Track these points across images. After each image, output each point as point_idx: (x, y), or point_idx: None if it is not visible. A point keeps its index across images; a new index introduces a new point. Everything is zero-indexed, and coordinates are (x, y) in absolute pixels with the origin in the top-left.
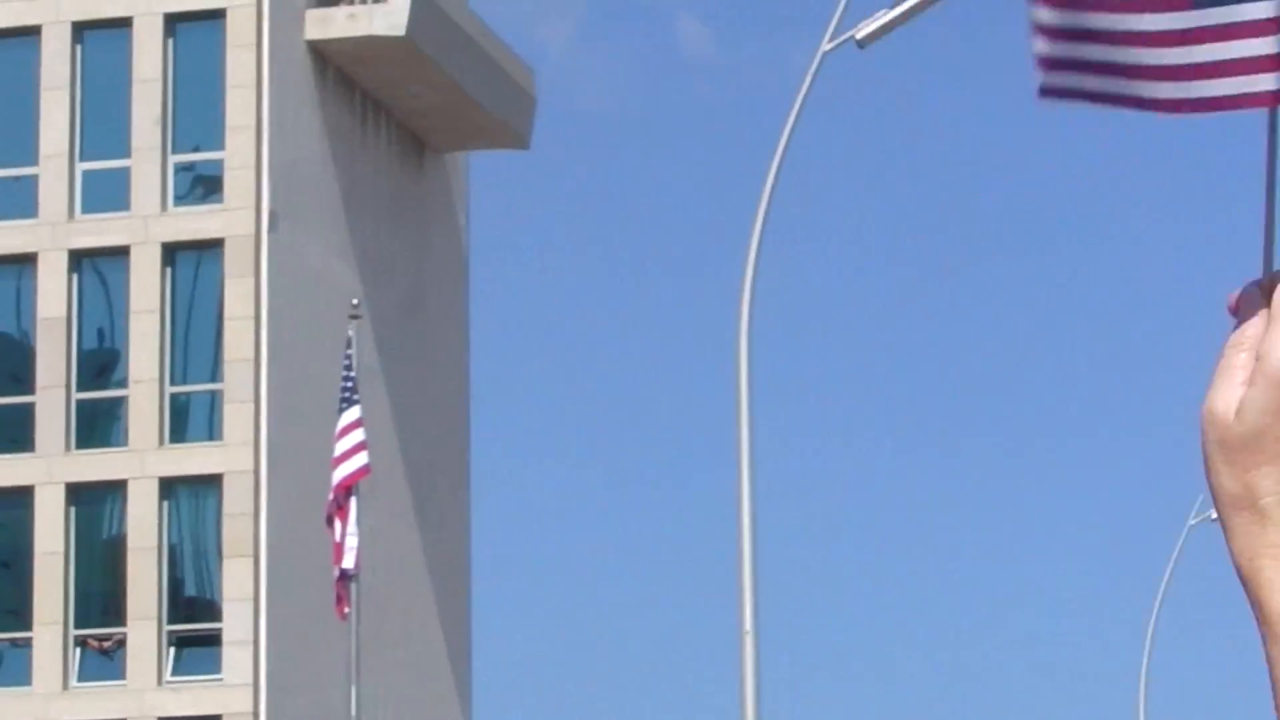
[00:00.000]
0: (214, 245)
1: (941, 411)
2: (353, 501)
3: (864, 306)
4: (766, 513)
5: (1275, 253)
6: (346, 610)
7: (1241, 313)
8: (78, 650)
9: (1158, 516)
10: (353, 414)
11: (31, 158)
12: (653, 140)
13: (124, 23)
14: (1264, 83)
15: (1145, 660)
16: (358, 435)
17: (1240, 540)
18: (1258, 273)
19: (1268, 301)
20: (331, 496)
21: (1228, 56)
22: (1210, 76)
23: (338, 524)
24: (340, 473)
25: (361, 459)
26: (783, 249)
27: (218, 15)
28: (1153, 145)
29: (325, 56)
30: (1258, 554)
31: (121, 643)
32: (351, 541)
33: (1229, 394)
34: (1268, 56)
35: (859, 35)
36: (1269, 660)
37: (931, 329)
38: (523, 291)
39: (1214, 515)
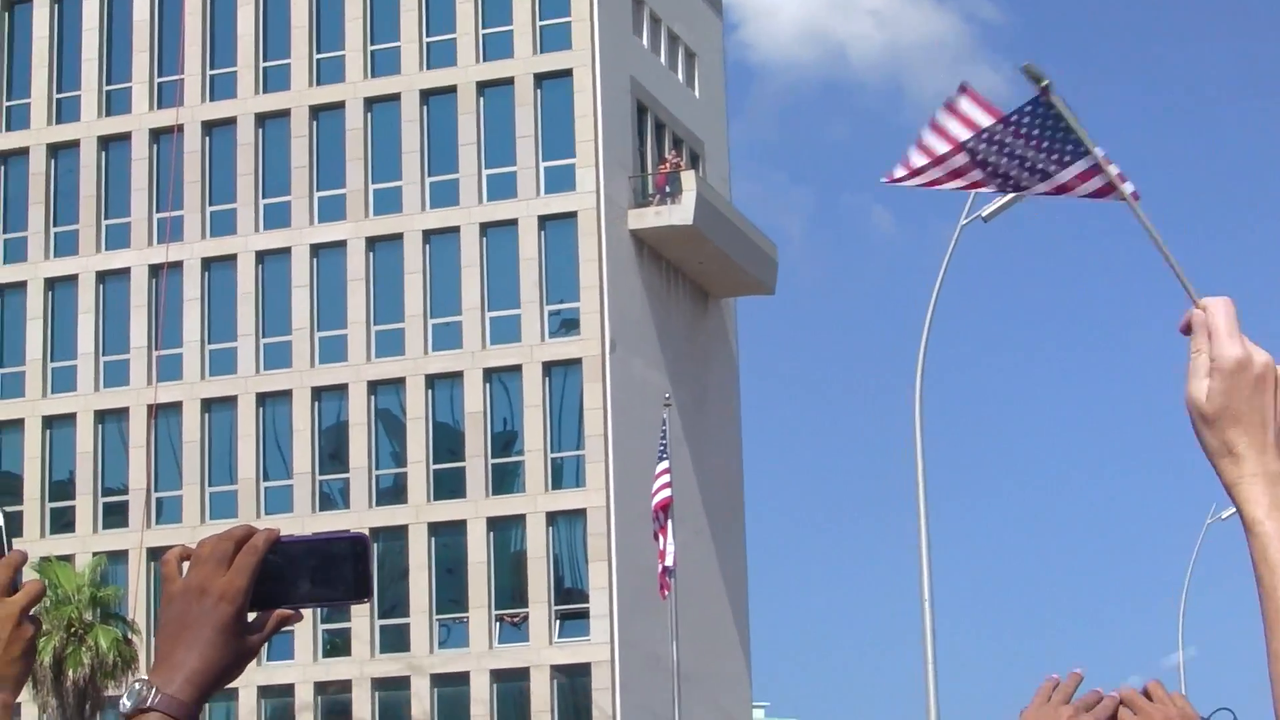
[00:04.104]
0: (575, 363)
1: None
2: (669, 523)
3: (977, 385)
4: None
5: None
6: (667, 593)
7: (1193, 327)
8: (497, 624)
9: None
10: (663, 465)
11: (457, 309)
12: (850, 283)
13: (512, 223)
14: (1113, 197)
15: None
16: (665, 478)
17: (1227, 475)
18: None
19: (1204, 320)
20: (653, 517)
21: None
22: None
23: (660, 537)
24: (655, 500)
25: (666, 492)
26: (942, 350)
27: (571, 215)
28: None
29: (642, 239)
30: (1238, 481)
31: (526, 618)
32: (669, 548)
33: (1199, 385)
34: (1103, 187)
35: (984, 214)
36: (1251, 553)
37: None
38: (772, 385)
39: (1225, 516)
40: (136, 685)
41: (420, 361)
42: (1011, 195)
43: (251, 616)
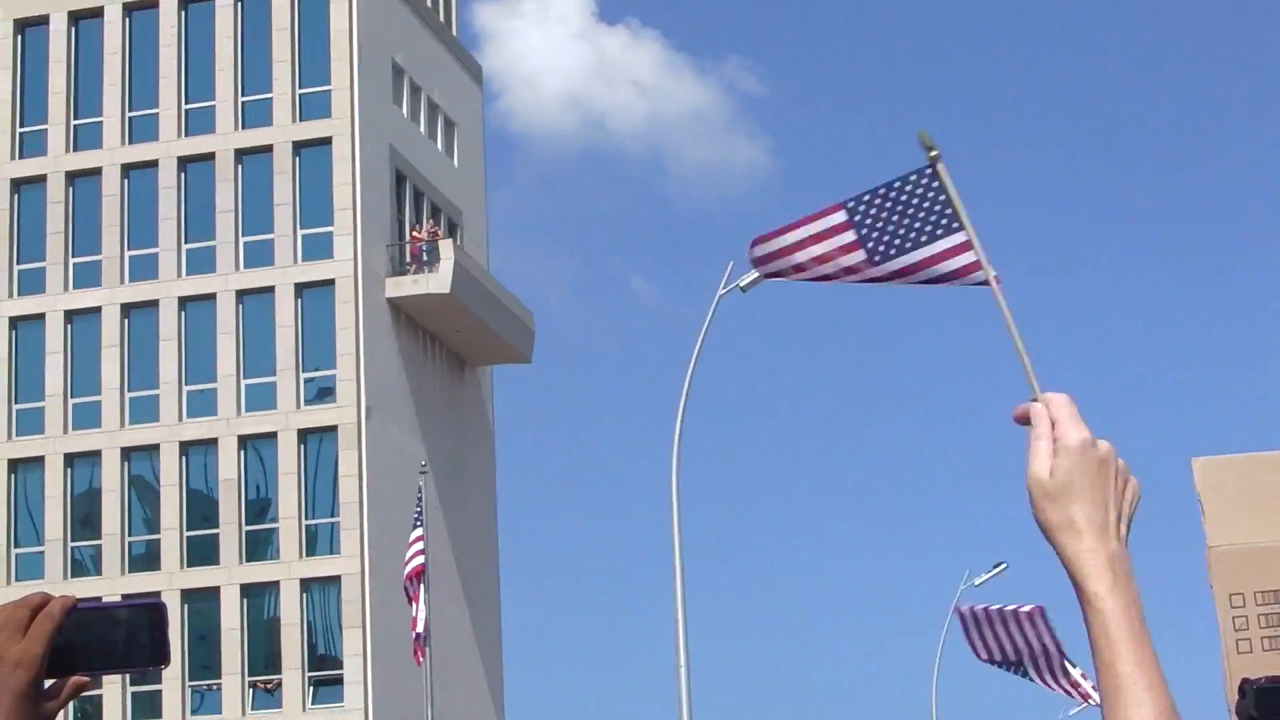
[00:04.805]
0: (331, 429)
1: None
2: (422, 588)
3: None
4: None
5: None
6: (422, 659)
7: (1033, 418)
8: (251, 690)
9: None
10: (417, 533)
11: (212, 376)
12: (609, 353)
13: (269, 290)
14: (974, 278)
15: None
16: (419, 545)
17: (1068, 549)
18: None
19: (1044, 411)
20: (405, 584)
21: (939, 272)
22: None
23: (413, 604)
24: (408, 568)
25: (420, 559)
26: (700, 420)
27: (329, 283)
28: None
29: (399, 307)
30: (1079, 556)
31: (279, 685)
32: (423, 613)
33: (1042, 464)
34: (969, 264)
35: (742, 284)
36: (1089, 628)
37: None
38: (529, 452)
39: (978, 583)
40: None
41: (175, 428)
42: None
43: (48, 684)
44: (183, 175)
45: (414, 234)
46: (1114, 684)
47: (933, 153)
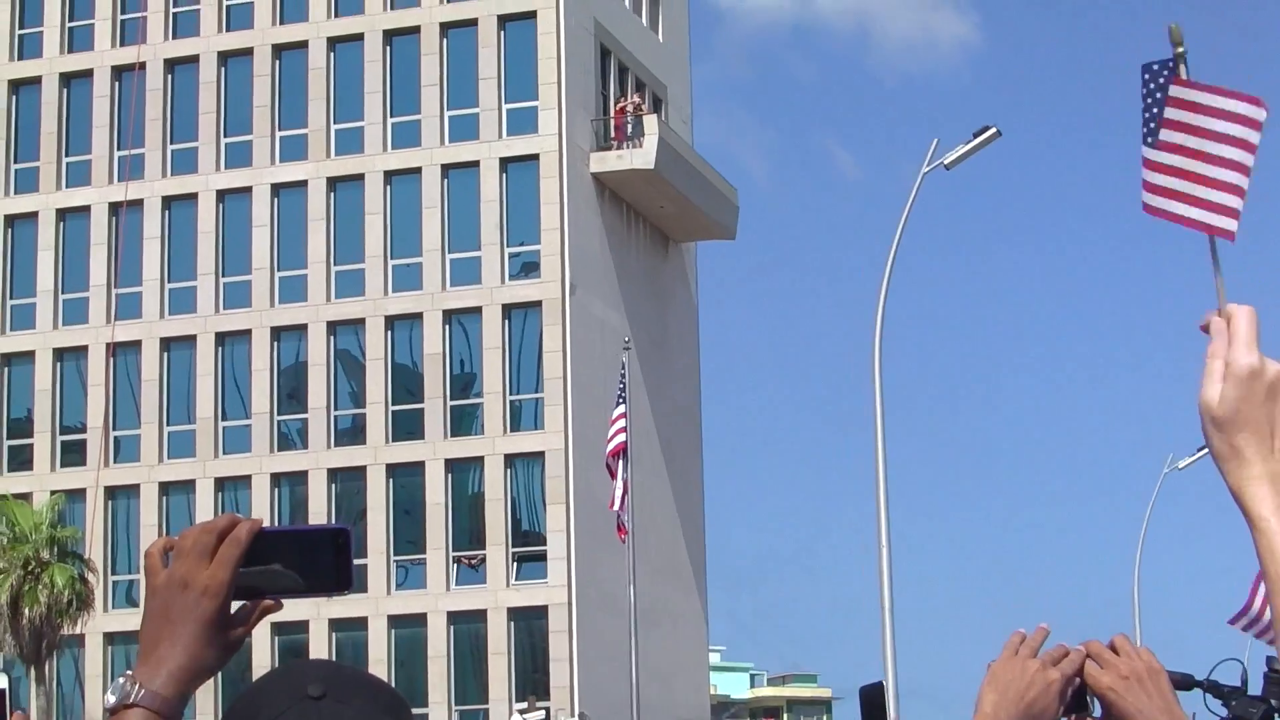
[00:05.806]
0: (535, 305)
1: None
2: (622, 466)
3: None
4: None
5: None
6: (624, 535)
7: (1212, 333)
8: (454, 565)
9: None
10: (620, 410)
11: (417, 251)
12: (812, 228)
13: (474, 164)
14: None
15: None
16: (621, 423)
17: (1233, 477)
18: (1215, 305)
19: (1224, 326)
20: (607, 461)
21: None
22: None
23: (615, 481)
24: (610, 445)
25: (621, 437)
26: (901, 298)
27: (533, 158)
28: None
29: (603, 182)
30: (1244, 482)
31: (483, 560)
32: (619, 493)
33: (1213, 389)
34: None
35: (946, 161)
36: (1258, 550)
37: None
38: (731, 327)
39: (1181, 466)
40: (121, 680)
41: (380, 302)
42: (974, 145)
43: (235, 607)
44: (388, 49)
45: (618, 108)
46: None
47: (1179, 49)
